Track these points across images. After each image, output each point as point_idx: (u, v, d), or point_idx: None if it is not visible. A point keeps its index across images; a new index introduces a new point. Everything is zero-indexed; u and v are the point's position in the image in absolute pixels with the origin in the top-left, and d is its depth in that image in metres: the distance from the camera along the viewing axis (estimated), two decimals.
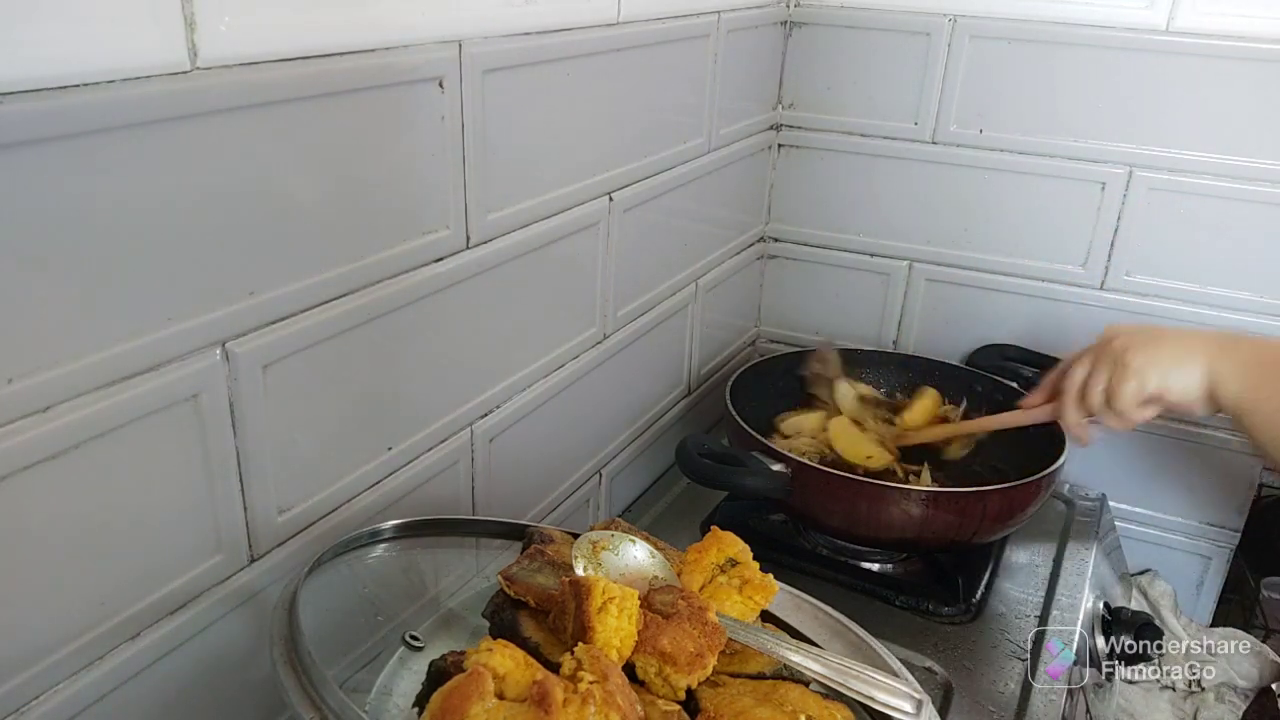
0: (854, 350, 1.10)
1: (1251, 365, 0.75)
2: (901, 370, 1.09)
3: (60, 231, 0.42)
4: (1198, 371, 0.76)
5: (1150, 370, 0.77)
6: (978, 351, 1.11)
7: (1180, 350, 0.77)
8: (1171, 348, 0.78)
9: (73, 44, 0.40)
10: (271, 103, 0.50)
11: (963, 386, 1.04)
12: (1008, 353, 1.09)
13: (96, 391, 0.45)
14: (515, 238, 0.71)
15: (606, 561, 0.58)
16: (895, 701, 0.53)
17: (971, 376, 1.05)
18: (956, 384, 1.05)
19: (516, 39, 0.66)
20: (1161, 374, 0.77)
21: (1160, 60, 0.97)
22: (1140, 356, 0.78)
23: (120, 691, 0.50)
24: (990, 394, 1.02)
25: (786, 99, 1.14)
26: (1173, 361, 0.77)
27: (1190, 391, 0.77)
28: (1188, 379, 0.76)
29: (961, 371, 1.06)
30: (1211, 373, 0.76)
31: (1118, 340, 0.80)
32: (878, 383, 1.10)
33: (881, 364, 1.10)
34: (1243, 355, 0.76)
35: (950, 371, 1.06)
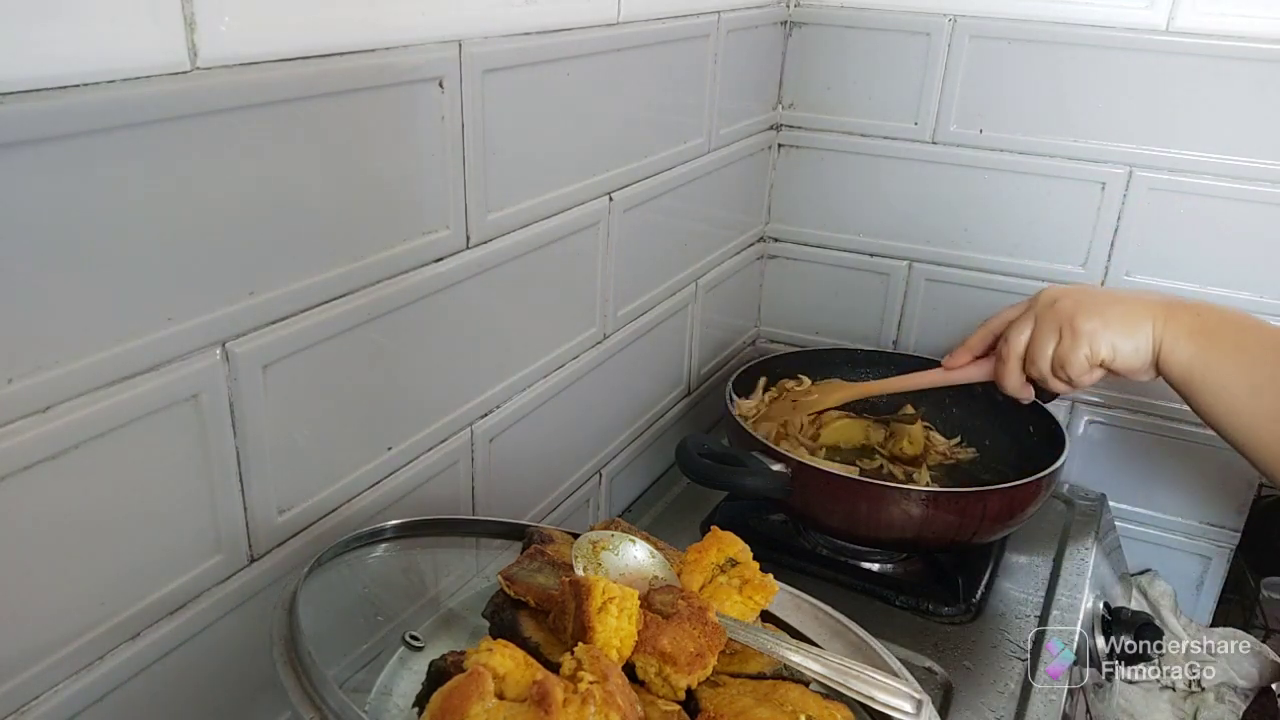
0: (853, 350, 1.10)
1: (1196, 332, 0.74)
2: (900, 371, 1.06)
3: (60, 231, 0.42)
4: (1145, 339, 0.76)
5: (1100, 336, 0.77)
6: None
7: (1129, 316, 0.77)
8: (1120, 313, 0.77)
9: (73, 44, 0.40)
10: (271, 103, 0.50)
11: (961, 386, 1.02)
12: None
13: (96, 391, 0.45)
14: (515, 238, 0.71)
15: (606, 561, 0.58)
16: (895, 701, 0.53)
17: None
18: (956, 385, 1.04)
19: (516, 39, 0.66)
20: (1111, 340, 0.76)
21: (1160, 60, 0.97)
22: (1090, 322, 0.77)
23: (120, 691, 0.50)
24: (989, 393, 1.00)
25: (786, 99, 1.14)
26: (1122, 327, 0.76)
27: (1138, 358, 0.76)
28: (1137, 346, 0.76)
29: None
30: (1158, 340, 0.75)
31: (1062, 302, 0.79)
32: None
33: (880, 364, 1.09)
34: (1187, 322, 0.75)
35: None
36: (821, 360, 1.09)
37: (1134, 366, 0.77)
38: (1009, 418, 0.99)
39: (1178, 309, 0.76)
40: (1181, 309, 0.76)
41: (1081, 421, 1.12)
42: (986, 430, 1.02)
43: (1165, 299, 0.78)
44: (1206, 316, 0.76)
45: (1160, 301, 0.78)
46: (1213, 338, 0.74)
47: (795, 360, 1.08)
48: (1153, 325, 0.76)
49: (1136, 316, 0.76)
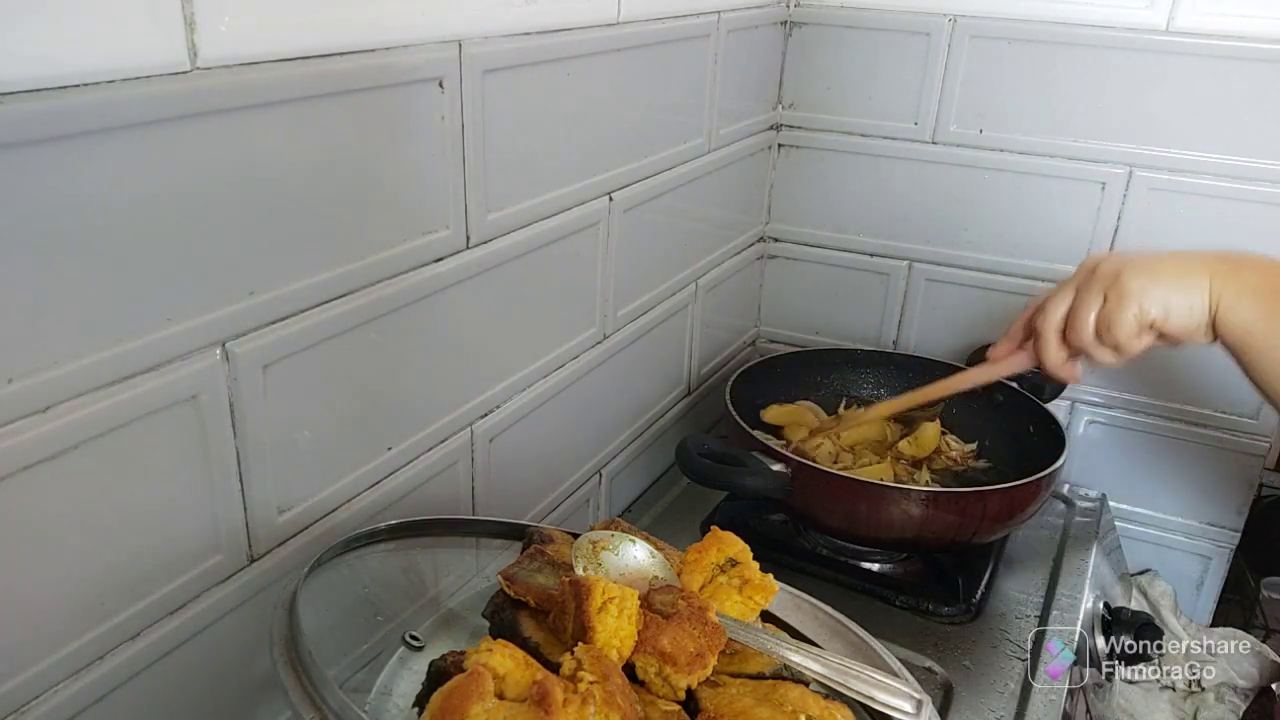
0: (853, 350, 1.10)
1: (1262, 292, 0.67)
2: (901, 371, 1.08)
3: (60, 231, 0.42)
4: (1201, 296, 0.68)
5: (1151, 292, 0.68)
6: (977, 351, 1.11)
7: (1183, 271, 0.68)
8: (1173, 268, 0.69)
9: (73, 44, 0.40)
10: (271, 103, 0.50)
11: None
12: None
13: (96, 391, 0.45)
14: (515, 238, 0.71)
15: (606, 561, 0.58)
16: (895, 701, 0.53)
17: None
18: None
19: (516, 39, 0.66)
20: (1163, 298, 0.68)
21: (1160, 60, 0.97)
22: (1139, 279, 0.69)
23: (120, 691, 0.50)
24: (989, 393, 1.01)
25: (786, 99, 1.14)
26: (1175, 283, 0.68)
27: (1193, 318, 0.68)
28: (1191, 304, 0.68)
29: (959, 371, 1.06)
30: (1216, 298, 0.67)
31: (1107, 264, 0.71)
32: (876, 384, 1.09)
33: (880, 364, 1.09)
34: (1250, 281, 0.67)
35: (949, 371, 1.05)
36: (821, 360, 1.10)
37: (1188, 327, 0.68)
38: (1009, 417, 0.99)
39: (1241, 265, 0.69)
40: (1246, 265, 0.69)
41: (1081, 421, 1.12)
42: (986, 430, 1.02)
43: (1225, 254, 0.70)
44: (1272, 275, 0.68)
45: (1219, 257, 0.69)
46: (1277, 300, 0.67)
47: (795, 361, 1.08)
48: (1210, 281, 0.68)
49: (1192, 272, 0.68)
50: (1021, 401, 0.99)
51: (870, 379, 1.10)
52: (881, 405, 0.94)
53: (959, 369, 1.05)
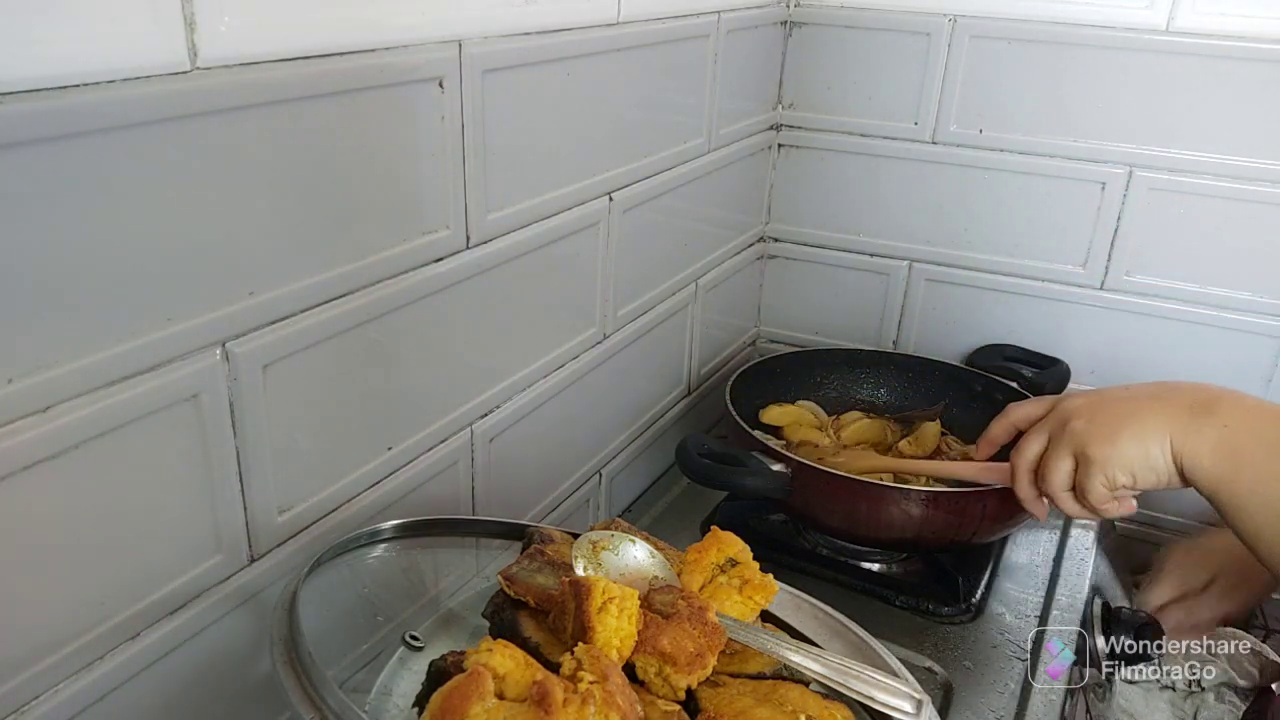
0: (853, 350, 1.10)
1: (1220, 451, 0.65)
2: (900, 371, 1.09)
3: (60, 231, 0.42)
4: (1164, 459, 0.67)
5: (1115, 461, 0.68)
6: (977, 351, 1.11)
7: (1142, 436, 0.68)
8: (1132, 434, 0.68)
9: (73, 44, 0.40)
10: (272, 103, 0.50)
11: (962, 386, 1.04)
12: (1007, 352, 1.09)
13: (96, 391, 0.45)
14: (515, 238, 0.71)
15: (606, 561, 0.58)
16: (895, 701, 0.53)
17: (970, 376, 1.05)
18: (956, 384, 1.05)
19: (516, 39, 0.66)
20: (1128, 465, 0.68)
21: (1160, 60, 0.97)
22: (1102, 448, 0.69)
23: (120, 691, 0.50)
24: (989, 393, 1.01)
25: (786, 99, 1.14)
26: (1136, 449, 0.68)
27: (1161, 479, 0.68)
28: (1155, 467, 0.68)
29: (961, 371, 1.06)
30: (1177, 458, 0.67)
31: (1074, 423, 0.71)
32: (877, 383, 1.09)
33: (880, 364, 1.09)
34: (1210, 437, 0.66)
35: (949, 371, 1.06)
36: (820, 360, 1.10)
37: (1159, 485, 0.69)
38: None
39: (1201, 417, 0.66)
40: (1205, 417, 0.66)
41: None
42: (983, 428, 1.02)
43: (1190, 400, 0.68)
44: (1235, 428, 0.66)
45: (1183, 407, 0.67)
46: (1239, 459, 0.65)
47: (795, 361, 1.09)
48: (1170, 442, 0.67)
49: (1151, 435, 0.67)
50: (1022, 400, 0.98)
51: (869, 379, 1.10)
52: (869, 459, 0.94)
53: (960, 369, 1.06)
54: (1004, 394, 1.00)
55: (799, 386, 1.08)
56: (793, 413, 1.05)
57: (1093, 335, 1.08)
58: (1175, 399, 0.69)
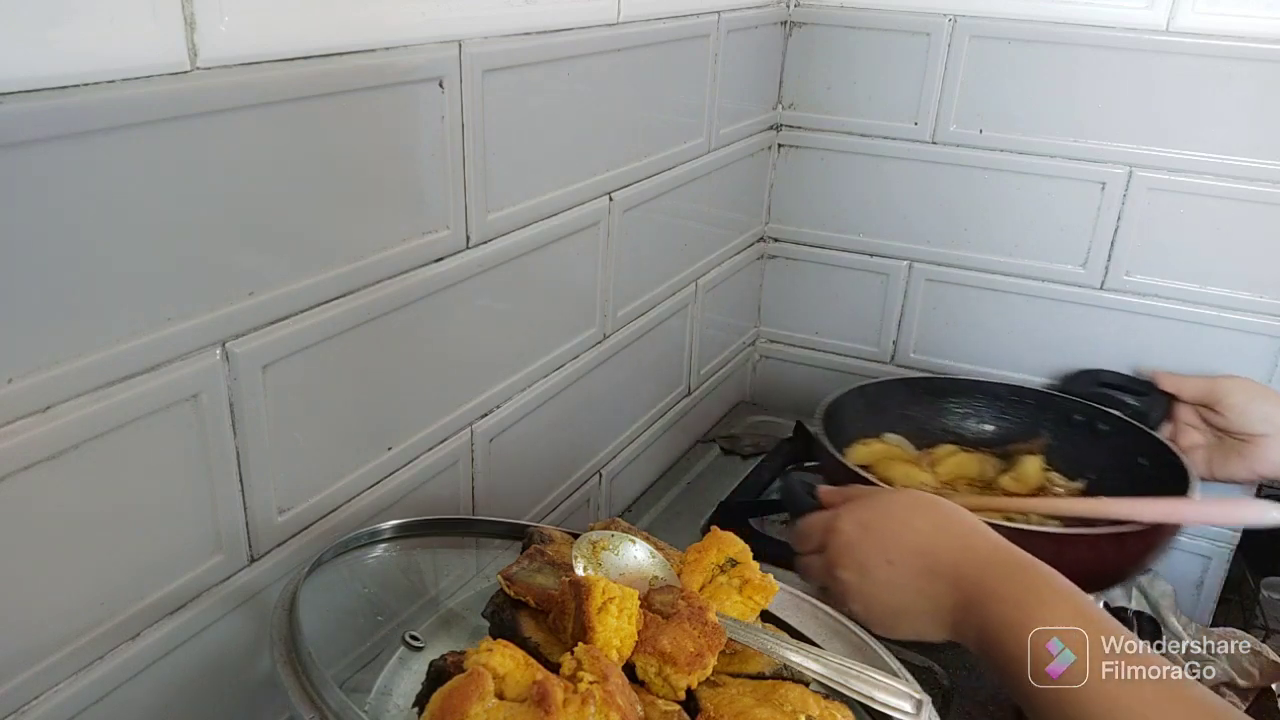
0: (934, 378, 1.06)
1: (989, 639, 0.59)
2: (990, 400, 1.02)
3: (60, 231, 0.42)
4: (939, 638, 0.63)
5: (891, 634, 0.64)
6: (1069, 378, 1.06)
7: (917, 630, 0.63)
8: (909, 628, 0.63)
9: (73, 44, 0.40)
10: (271, 103, 0.50)
11: (1059, 416, 0.97)
12: (1102, 378, 1.02)
13: (96, 391, 0.45)
14: (515, 238, 0.71)
15: (606, 561, 0.58)
16: (895, 701, 0.53)
17: (1069, 405, 0.98)
18: (1052, 413, 0.98)
19: (516, 39, 0.66)
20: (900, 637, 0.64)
21: (1160, 60, 0.97)
22: (878, 629, 0.64)
23: (120, 691, 0.50)
24: (1091, 423, 0.95)
25: (786, 99, 1.14)
26: (911, 634, 0.63)
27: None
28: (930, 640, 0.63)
29: (1056, 400, 0.99)
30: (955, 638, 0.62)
31: (851, 602, 0.64)
32: (964, 413, 1.02)
33: (965, 392, 1.02)
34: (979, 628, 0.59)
35: (1043, 399, 0.99)
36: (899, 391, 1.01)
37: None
38: (1116, 449, 0.92)
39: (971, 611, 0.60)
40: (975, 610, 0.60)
41: None
42: (1091, 463, 0.94)
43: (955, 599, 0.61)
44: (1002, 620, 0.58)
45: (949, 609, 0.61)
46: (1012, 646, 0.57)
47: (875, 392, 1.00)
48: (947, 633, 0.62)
49: (926, 630, 0.62)
50: (1129, 429, 0.92)
51: (956, 408, 1.02)
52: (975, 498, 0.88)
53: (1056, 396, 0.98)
54: (1108, 424, 0.93)
55: (882, 420, 1.00)
56: (880, 449, 0.97)
57: (1093, 335, 1.08)
58: (943, 596, 0.61)
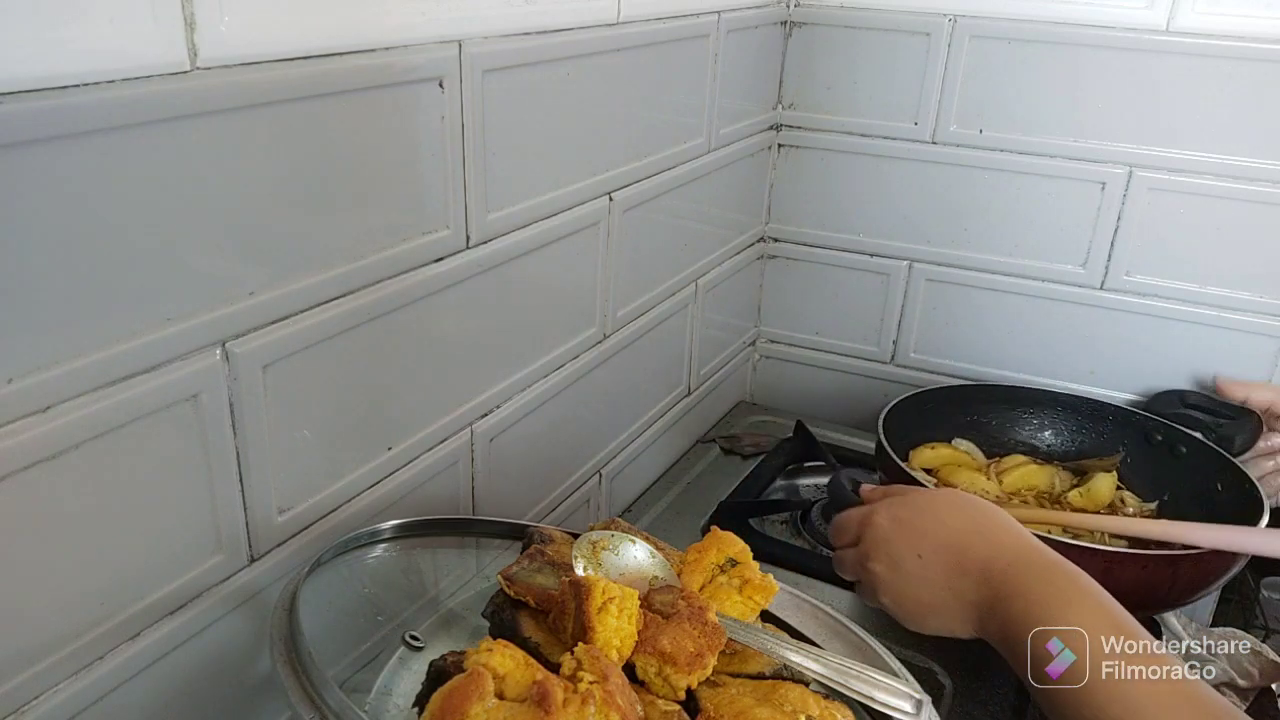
0: (1014, 387, 1.04)
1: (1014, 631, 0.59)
2: (1068, 413, 1.01)
3: (60, 231, 0.42)
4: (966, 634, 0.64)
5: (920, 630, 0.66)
6: (1155, 397, 1.04)
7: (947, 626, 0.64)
8: (938, 624, 0.64)
9: (73, 44, 0.40)
10: (271, 103, 0.50)
11: (1138, 434, 0.96)
12: (1189, 399, 1.00)
13: (96, 391, 0.45)
14: (515, 238, 0.71)
15: (606, 561, 0.58)
16: (895, 701, 0.53)
17: (1149, 424, 0.96)
18: (1131, 430, 0.97)
19: (516, 39, 0.66)
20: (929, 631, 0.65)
21: (1160, 60, 0.97)
22: (907, 624, 0.66)
23: (120, 691, 0.50)
24: (1171, 443, 0.93)
25: (786, 99, 1.14)
26: (941, 629, 0.64)
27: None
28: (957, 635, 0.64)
29: (1137, 417, 0.98)
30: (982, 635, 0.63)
31: (881, 595, 0.66)
32: (1041, 424, 1.02)
33: (1044, 404, 1.02)
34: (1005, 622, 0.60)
35: (1124, 416, 0.98)
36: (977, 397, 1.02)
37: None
38: (1193, 472, 0.91)
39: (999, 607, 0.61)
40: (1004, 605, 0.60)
41: None
42: (1166, 485, 0.93)
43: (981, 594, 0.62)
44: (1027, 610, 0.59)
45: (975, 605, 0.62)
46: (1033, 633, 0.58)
47: (949, 396, 1.01)
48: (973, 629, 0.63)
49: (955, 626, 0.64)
50: (1208, 453, 0.90)
51: (1032, 419, 1.01)
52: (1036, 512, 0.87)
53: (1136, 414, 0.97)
54: (1188, 445, 0.92)
55: (952, 424, 1.00)
56: (946, 454, 0.97)
57: (1093, 335, 1.08)
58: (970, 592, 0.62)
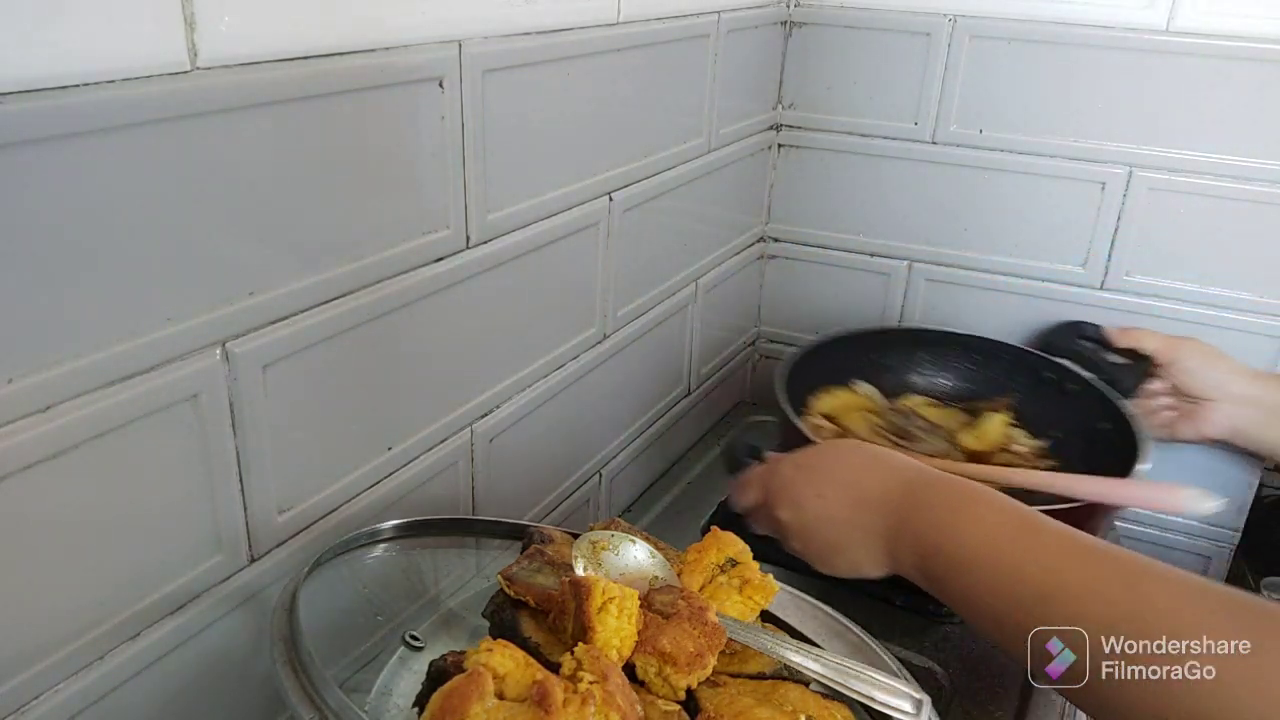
0: (917, 330, 1.06)
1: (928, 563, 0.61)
2: (965, 353, 1.02)
3: (60, 231, 0.42)
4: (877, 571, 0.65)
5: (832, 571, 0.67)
6: (1052, 330, 1.05)
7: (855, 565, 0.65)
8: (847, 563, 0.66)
9: (73, 44, 0.40)
10: (271, 103, 0.50)
11: (1031, 374, 0.98)
12: (1084, 330, 1.01)
13: (96, 391, 0.45)
14: (515, 238, 0.71)
15: (606, 561, 0.58)
16: (895, 701, 0.53)
17: (1040, 363, 0.98)
18: (1026, 370, 0.98)
19: (516, 39, 0.66)
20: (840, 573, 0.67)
21: (1160, 60, 0.97)
22: (819, 566, 0.68)
23: (120, 691, 0.50)
24: (1061, 382, 0.95)
25: (786, 99, 1.14)
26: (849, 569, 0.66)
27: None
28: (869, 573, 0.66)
29: (1030, 356, 0.99)
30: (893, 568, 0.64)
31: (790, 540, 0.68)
32: (939, 366, 1.03)
33: (942, 344, 1.03)
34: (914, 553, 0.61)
35: (1017, 356, 1.00)
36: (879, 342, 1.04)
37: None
38: (1082, 411, 0.92)
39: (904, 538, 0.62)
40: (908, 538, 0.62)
41: None
42: (1057, 423, 0.94)
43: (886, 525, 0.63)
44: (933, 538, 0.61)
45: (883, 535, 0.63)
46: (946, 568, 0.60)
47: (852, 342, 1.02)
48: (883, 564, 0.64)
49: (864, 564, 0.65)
50: (1095, 395, 0.92)
51: (931, 362, 1.03)
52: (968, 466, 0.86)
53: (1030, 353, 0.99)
54: (1078, 385, 0.93)
55: (856, 367, 1.01)
56: (845, 398, 0.98)
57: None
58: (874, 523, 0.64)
